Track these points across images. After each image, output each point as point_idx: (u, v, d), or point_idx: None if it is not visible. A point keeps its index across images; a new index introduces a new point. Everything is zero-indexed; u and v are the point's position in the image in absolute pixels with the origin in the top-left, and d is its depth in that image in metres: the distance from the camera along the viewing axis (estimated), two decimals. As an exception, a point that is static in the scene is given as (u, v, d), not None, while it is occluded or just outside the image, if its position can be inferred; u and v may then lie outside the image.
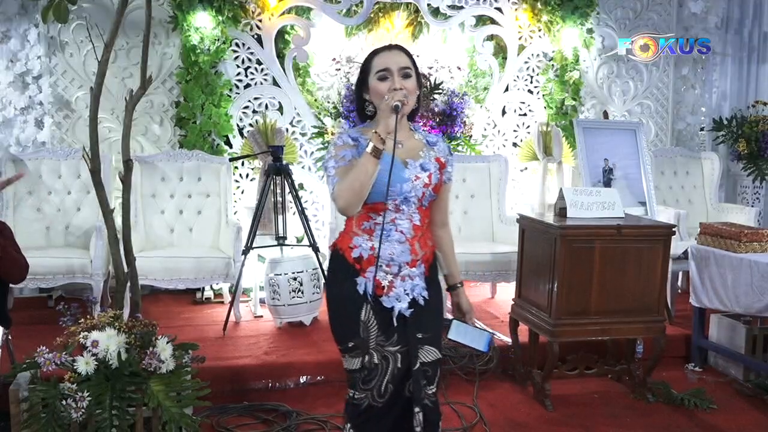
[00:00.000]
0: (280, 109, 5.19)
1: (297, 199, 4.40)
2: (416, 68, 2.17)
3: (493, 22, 5.52)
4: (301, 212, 4.36)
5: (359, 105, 2.24)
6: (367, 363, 2.12)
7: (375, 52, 2.18)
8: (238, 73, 5.10)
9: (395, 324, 2.12)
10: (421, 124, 5.19)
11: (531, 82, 5.68)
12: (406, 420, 2.14)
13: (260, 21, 5.09)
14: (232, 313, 4.29)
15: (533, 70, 5.67)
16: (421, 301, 2.15)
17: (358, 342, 2.12)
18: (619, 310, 3.48)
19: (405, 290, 2.13)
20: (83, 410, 2.43)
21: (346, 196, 2.04)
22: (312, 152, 5.26)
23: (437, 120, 5.22)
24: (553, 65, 5.64)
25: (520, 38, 5.58)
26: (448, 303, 2.46)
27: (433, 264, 2.25)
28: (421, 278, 2.17)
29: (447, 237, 2.33)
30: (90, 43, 4.38)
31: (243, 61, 5.10)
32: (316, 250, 4.35)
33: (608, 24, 5.86)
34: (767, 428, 3.36)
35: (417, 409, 2.12)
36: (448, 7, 5.39)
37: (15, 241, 2.81)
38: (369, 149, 2.01)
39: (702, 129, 6.22)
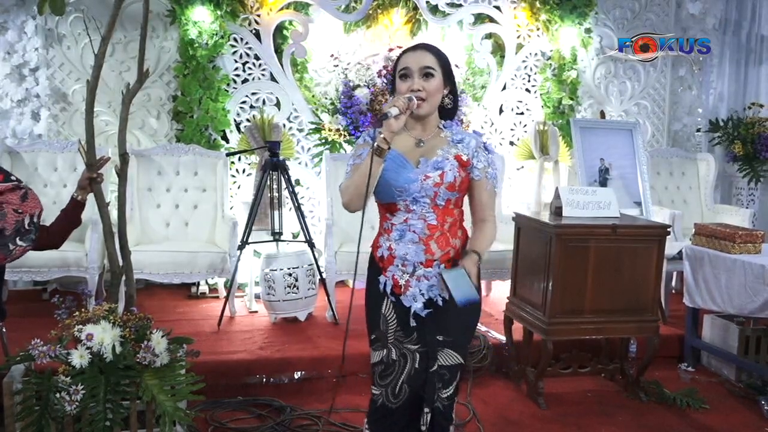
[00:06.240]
0: (278, 104, 5.19)
1: (293, 194, 4.40)
2: (444, 66, 2.14)
3: (491, 20, 5.52)
4: (297, 208, 4.36)
5: None
6: (385, 357, 2.16)
7: (403, 52, 2.19)
8: (236, 68, 5.10)
9: (413, 323, 2.14)
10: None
11: (529, 81, 5.69)
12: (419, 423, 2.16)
13: (259, 16, 5.08)
14: (227, 307, 4.30)
15: (531, 69, 5.68)
16: (440, 302, 2.12)
17: (378, 334, 2.17)
18: (614, 310, 3.49)
19: (420, 290, 2.13)
20: (77, 403, 2.42)
21: (348, 192, 2.10)
22: (309, 148, 5.26)
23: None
24: (550, 64, 5.65)
25: (518, 37, 5.59)
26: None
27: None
28: (439, 279, 2.13)
29: (483, 227, 2.18)
30: (87, 36, 4.37)
31: (241, 56, 5.10)
32: (311, 246, 4.35)
33: (606, 24, 5.87)
34: (758, 428, 3.37)
35: (426, 410, 2.14)
36: (447, 4, 5.39)
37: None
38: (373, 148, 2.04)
39: (698, 130, 6.24)
